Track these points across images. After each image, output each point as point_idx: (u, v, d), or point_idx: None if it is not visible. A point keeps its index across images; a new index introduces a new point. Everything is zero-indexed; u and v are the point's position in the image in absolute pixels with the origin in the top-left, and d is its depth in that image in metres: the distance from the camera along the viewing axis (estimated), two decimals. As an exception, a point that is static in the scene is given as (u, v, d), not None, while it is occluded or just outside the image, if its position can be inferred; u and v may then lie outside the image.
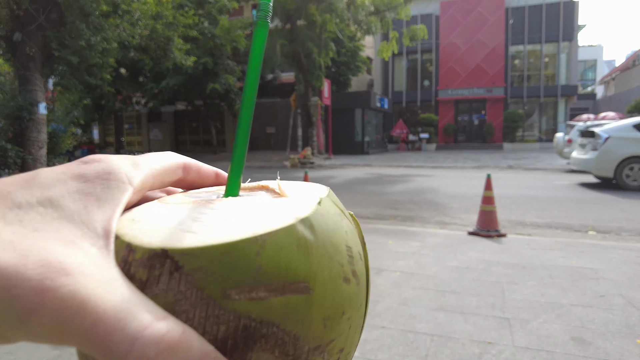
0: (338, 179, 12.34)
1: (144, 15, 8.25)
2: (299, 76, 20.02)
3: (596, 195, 8.06)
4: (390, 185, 10.60)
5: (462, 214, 6.51)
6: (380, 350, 2.05)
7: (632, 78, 29.31)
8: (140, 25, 8.33)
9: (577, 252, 3.96)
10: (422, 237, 4.64)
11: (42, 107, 7.32)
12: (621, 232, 5.19)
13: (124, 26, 8.04)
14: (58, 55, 7.22)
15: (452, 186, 10.02)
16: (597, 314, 2.47)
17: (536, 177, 11.74)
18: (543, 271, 3.34)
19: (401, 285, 3.05)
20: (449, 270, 3.39)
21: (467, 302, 2.70)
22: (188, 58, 9.58)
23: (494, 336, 2.19)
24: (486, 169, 14.96)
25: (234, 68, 22.29)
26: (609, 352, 2.00)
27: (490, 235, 4.64)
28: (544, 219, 5.99)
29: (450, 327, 2.32)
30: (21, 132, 7.08)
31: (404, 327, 2.33)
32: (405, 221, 6.09)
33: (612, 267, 3.45)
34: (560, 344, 2.09)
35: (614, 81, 34.86)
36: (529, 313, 2.50)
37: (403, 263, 3.62)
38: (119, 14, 7.86)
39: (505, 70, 28.31)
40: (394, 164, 18.14)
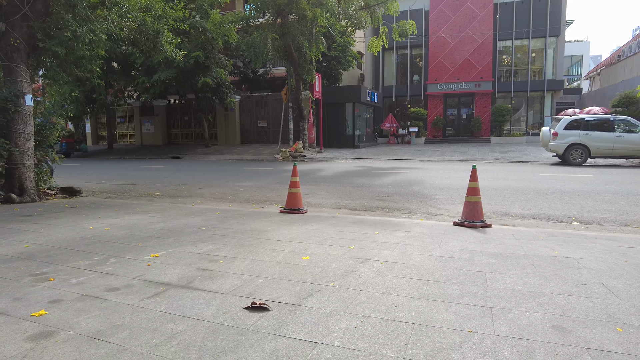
0: (328, 172, 12.30)
1: (132, 8, 8.05)
2: (290, 70, 19.90)
3: (580, 187, 8.14)
4: (379, 177, 10.60)
5: (448, 205, 6.52)
6: (361, 339, 2.02)
7: (617, 73, 29.69)
8: (129, 17, 8.13)
9: (560, 242, 3.98)
10: (408, 228, 4.63)
11: (28, 98, 7.13)
12: (603, 223, 5.25)
13: (112, 18, 7.84)
14: (43, 46, 7.02)
15: (439, 178, 10.05)
16: (578, 303, 2.47)
17: (522, 170, 11.84)
18: (526, 261, 3.34)
19: (385, 274, 3.02)
20: (433, 260, 3.38)
21: (450, 291, 2.68)
22: (178, 52, 9.41)
23: (475, 325, 2.18)
24: (473, 161, 15.05)
25: (226, 62, 22.09)
26: (589, 340, 1.99)
27: (475, 225, 4.65)
28: (529, 210, 6.03)
29: (432, 315, 2.30)
30: (6, 124, 6.92)
31: (385, 315, 2.30)
32: (392, 212, 6.08)
33: (594, 256, 3.47)
34: (540, 332, 2.08)
35: (599, 76, 35.28)
36: (511, 302, 2.49)
37: (388, 253, 3.60)
38: (107, 5, 7.67)
39: (494, 65, 28.46)
40: (383, 157, 18.15)
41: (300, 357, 1.86)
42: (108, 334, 2.10)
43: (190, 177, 11.65)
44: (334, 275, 3.02)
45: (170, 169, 14.73)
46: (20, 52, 7.08)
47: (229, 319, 2.27)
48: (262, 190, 8.70)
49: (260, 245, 3.90)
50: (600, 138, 12.84)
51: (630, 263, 3.27)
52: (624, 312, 2.32)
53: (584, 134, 12.99)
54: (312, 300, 2.55)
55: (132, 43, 8.94)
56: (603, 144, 12.81)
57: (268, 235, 4.34)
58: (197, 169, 14.30)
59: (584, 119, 13.30)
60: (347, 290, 2.71)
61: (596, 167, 12.58)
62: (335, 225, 4.83)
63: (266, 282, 2.88)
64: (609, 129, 12.89)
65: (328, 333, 2.09)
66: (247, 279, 2.95)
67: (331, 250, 3.69)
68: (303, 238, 4.18)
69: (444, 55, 29.38)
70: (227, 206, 6.62)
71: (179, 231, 4.57)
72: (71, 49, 7.17)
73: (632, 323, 2.17)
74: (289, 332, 2.11)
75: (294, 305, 2.47)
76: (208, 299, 2.57)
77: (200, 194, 8.35)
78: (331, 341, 2.01)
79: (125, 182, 10.71)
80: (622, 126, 12.89)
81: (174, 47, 9.14)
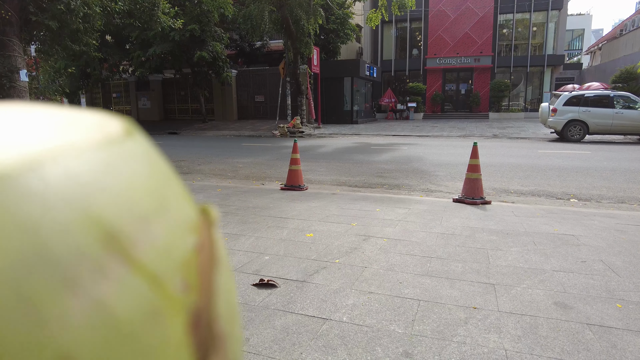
0: (327, 148, 12.28)
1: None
2: (287, 44, 19.53)
3: (578, 164, 8.18)
4: (378, 154, 10.60)
5: (447, 182, 6.56)
6: (368, 316, 2.07)
7: (618, 48, 29.36)
8: None
9: (559, 219, 4.03)
10: (408, 205, 4.67)
11: (23, 74, 7.00)
12: (601, 200, 5.30)
13: None
14: (36, 20, 6.84)
15: (438, 155, 10.06)
16: (579, 279, 2.53)
17: (520, 146, 11.86)
18: (526, 238, 3.40)
19: (388, 251, 3.07)
20: (434, 237, 3.42)
21: (453, 267, 2.73)
22: (176, 21, 9.20)
23: (479, 301, 2.23)
24: (472, 138, 15.04)
25: (222, 35, 21.63)
26: (589, 316, 2.05)
27: (475, 202, 4.69)
28: (528, 187, 6.08)
29: (437, 292, 2.36)
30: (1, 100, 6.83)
31: (390, 292, 2.35)
32: (392, 189, 6.11)
33: (593, 233, 3.53)
34: (543, 308, 2.14)
35: (600, 51, 34.90)
36: (513, 278, 2.55)
37: (390, 230, 3.64)
38: None
39: (494, 39, 28.04)
40: (382, 133, 18.09)
41: (311, 333, 1.91)
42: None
43: (188, 153, 11.60)
44: (339, 252, 3.07)
45: (168, 144, 14.65)
46: (12, 25, 6.90)
47: (238, 296, 2.31)
48: (262, 166, 8.70)
49: (263, 223, 3.93)
50: (599, 114, 12.81)
51: (629, 240, 3.33)
52: (624, 288, 2.38)
53: (583, 111, 12.94)
54: (319, 277, 2.59)
55: (128, 14, 8.73)
56: (602, 121, 12.78)
57: (270, 212, 4.37)
58: (195, 145, 14.23)
59: (584, 95, 13.23)
60: (352, 267, 2.75)
61: (594, 143, 12.61)
62: (336, 202, 4.87)
63: (272, 259, 2.93)
64: (609, 105, 12.84)
65: (336, 309, 2.14)
66: (253, 256, 2.99)
67: (334, 228, 3.73)
68: (305, 215, 4.22)
69: (444, 29, 28.88)
70: (228, 183, 6.63)
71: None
72: (65, 23, 7.01)
73: (631, 299, 2.24)
74: (297, 308, 2.16)
75: (301, 282, 2.52)
76: (216, 276, 2.61)
77: (200, 170, 8.34)
78: (339, 317, 2.06)
79: (124, 158, 10.65)
80: (621, 102, 12.83)
81: (170, 17, 8.94)
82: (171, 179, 0.19)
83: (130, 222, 0.16)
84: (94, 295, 0.14)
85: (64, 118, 0.17)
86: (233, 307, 0.21)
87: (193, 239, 0.18)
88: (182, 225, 0.18)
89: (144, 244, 0.16)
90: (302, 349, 1.80)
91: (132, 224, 0.15)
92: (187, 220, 0.18)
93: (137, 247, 0.15)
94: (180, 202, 0.19)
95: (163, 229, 0.17)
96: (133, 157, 0.17)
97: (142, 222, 0.16)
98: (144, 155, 0.18)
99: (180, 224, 0.18)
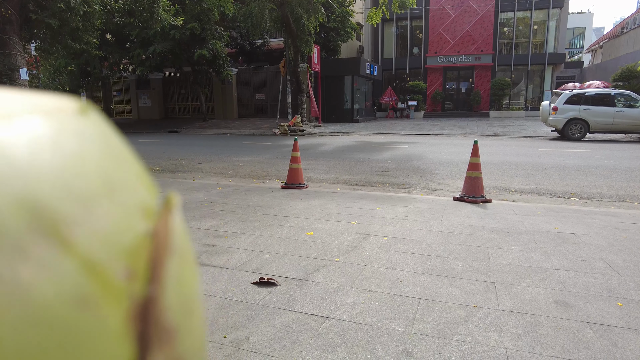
0: (327, 147, 12.26)
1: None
2: (288, 42, 19.49)
3: (579, 162, 8.17)
4: (379, 152, 10.59)
5: (448, 180, 6.55)
6: (368, 314, 2.07)
7: (619, 46, 29.29)
8: None
9: (560, 217, 4.03)
10: (409, 203, 4.66)
11: (23, 72, 6.99)
12: (602, 198, 5.30)
13: None
14: (36, 18, 6.83)
15: (439, 153, 10.05)
16: (579, 278, 2.53)
17: (521, 145, 11.85)
18: (527, 236, 3.39)
19: (388, 249, 3.07)
20: (435, 235, 3.42)
21: (453, 266, 2.73)
22: (176, 19, 9.19)
23: (480, 300, 2.23)
24: (472, 136, 15.03)
25: (222, 33, 21.60)
26: (590, 315, 2.05)
27: (476, 200, 4.68)
28: (528, 185, 6.07)
29: (437, 290, 2.35)
30: None
31: (391, 290, 2.35)
32: (392, 187, 6.10)
33: (593, 232, 3.52)
34: (543, 307, 2.14)
35: (601, 49, 34.82)
36: (514, 277, 2.54)
37: (390, 228, 3.64)
38: None
39: (494, 38, 27.99)
40: (382, 131, 18.08)
41: (311, 331, 1.91)
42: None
43: (189, 151, 11.60)
44: (339, 250, 3.06)
45: (168, 143, 14.65)
46: (12, 23, 6.89)
47: (238, 294, 2.31)
48: (262, 165, 8.69)
49: (263, 221, 3.93)
50: (600, 113, 12.78)
51: (629, 239, 3.32)
52: (624, 287, 2.38)
53: (584, 109, 12.92)
54: (319, 275, 2.59)
55: (129, 13, 8.72)
56: (603, 119, 12.76)
57: (271, 210, 4.36)
58: (195, 144, 14.22)
59: (585, 94, 13.21)
60: (352, 266, 2.75)
61: (595, 142, 12.59)
62: (336, 200, 4.86)
63: (272, 257, 2.92)
64: (610, 103, 12.82)
65: (336, 308, 2.14)
66: (253, 254, 2.99)
67: (334, 226, 3.73)
68: (306, 214, 4.21)
69: (445, 27, 28.83)
70: (228, 181, 6.62)
71: (182, 206, 4.58)
72: (65, 21, 7.00)
73: (632, 298, 2.23)
74: (297, 306, 2.16)
75: (301, 280, 2.51)
76: (216, 275, 2.61)
77: (200, 168, 8.34)
78: (339, 315, 2.05)
79: (124, 157, 10.65)
80: (622, 101, 12.81)
81: (171, 15, 8.93)
82: (126, 161, 0.18)
83: (67, 203, 0.14)
84: (8, 277, 0.12)
85: (11, 95, 0.16)
86: (190, 299, 0.19)
87: (145, 225, 0.17)
88: (133, 210, 0.17)
89: (81, 227, 0.14)
90: (302, 348, 1.80)
91: (69, 205, 0.14)
92: (139, 205, 0.17)
93: (73, 230, 0.14)
94: (134, 186, 0.17)
95: (108, 212, 0.16)
96: (82, 136, 0.16)
97: (82, 203, 0.15)
98: (96, 136, 0.17)
99: (129, 209, 0.17)
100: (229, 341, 1.85)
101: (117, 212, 0.16)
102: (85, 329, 0.14)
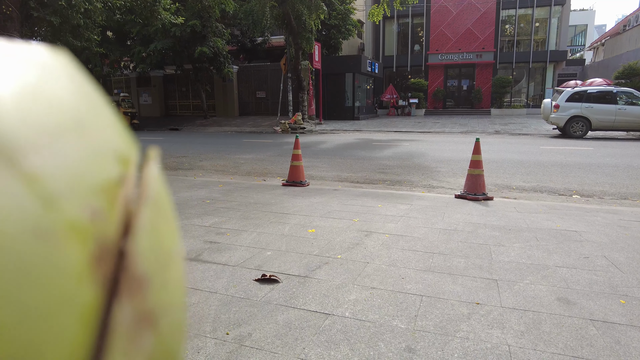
0: (329, 144, 12.26)
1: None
2: (289, 39, 19.45)
3: (580, 160, 8.16)
4: (380, 150, 10.58)
5: (449, 178, 6.54)
6: (371, 311, 2.07)
7: (621, 44, 29.18)
8: None
9: (561, 215, 4.02)
10: (410, 201, 4.66)
11: None
12: (604, 196, 5.29)
13: None
14: (37, 15, 6.82)
15: (440, 151, 10.04)
16: (582, 275, 2.52)
17: (523, 142, 11.83)
18: (529, 234, 3.39)
19: (390, 247, 3.07)
20: (437, 233, 3.42)
21: (455, 263, 2.73)
22: (177, 17, 9.18)
23: (482, 297, 2.23)
24: (473, 134, 15.00)
25: (223, 31, 21.56)
26: (593, 312, 2.05)
27: (478, 198, 4.68)
28: (530, 183, 6.06)
29: (439, 288, 2.35)
30: None
31: (393, 287, 2.35)
32: (394, 185, 6.10)
33: (595, 229, 3.52)
34: (546, 304, 2.14)
35: (603, 47, 34.69)
36: (516, 274, 2.54)
37: (392, 225, 3.64)
38: None
39: (496, 35, 27.91)
40: (383, 129, 18.06)
41: (313, 328, 1.91)
42: (122, 306, 2.14)
43: (190, 149, 11.60)
44: (340, 247, 3.06)
45: (169, 140, 14.65)
46: (13, 21, 6.89)
47: (240, 291, 2.31)
48: (263, 162, 8.69)
49: (265, 218, 3.93)
50: (601, 110, 12.75)
51: (632, 236, 3.32)
52: (627, 284, 2.37)
53: (585, 107, 12.89)
54: (321, 272, 2.59)
55: (129, 11, 8.72)
56: (604, 117, 12.73)
57: (272, 208, 4.36)
58: (196, 141, 14.22)
59: (586, 91, 13.17)
60: (354, 263, 2.75)
61: (596, 139, 12.57)
62: (338, 198, 4.86)
63: (274, 254, 2.92)
64: (611, 101, 12.78)
65: (338, 304, 2.14)
66: (255, 251, 2.99)
67: (336, 223, 3.73)
68: (307, 211, 4.21)
69: (446, 24, 28.75)
70: (229, 179, 6.62)
71: (184, 204, 4.59)
72: (66, 18, 6.99)
73: (634, 295, 2.23)
74: (300, 303, 2.16)
75: (303, 277, 2.51)
76: (218, 272, 2.61)
77: (202, 166, 8.34)
78: (342, 312, 2.05)
79: (125, 154, 10.65)
80: (624, 98, 12.77)
81: (171, 13, 8.92)
82: (99, 107, 0.18)
83: (27, 132, 0.14)
84: None
85: None
86: (166, 253, 0.19)
87: (117, 170, 0.17)
88: (104, 152, 0.16)
89: (42, 159, 0.14)
90: (304, 344, 1.80)
91: (29, 134, 0.14)
92: (111, 148, 0.17)
93: (31, 159, 0.14)
94: (107, 130, 0.17)
95: (74, 148, 0.15)
96: (51, 74, 0.16)
97: (46, 135, 0.14)
98: (67, 77, 0.17)
99: (100, 151, 0.16)
100: (231, 338, 1.86)
101: (85, 150, 0.16)
102: (42, 261, 0.13)
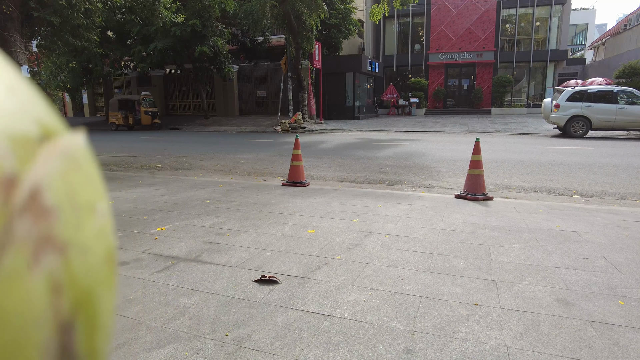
0: (329, 144, 12.26)
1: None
2: (289, 39, 19.45)
3: (580, 160, 8.15)
4: (380, 150, 10.58)
5: (449, 178, 6.54)
6: (370, 312, 2.07)
7: (622, 43, 29.14)
8: None
9: (561, 215, 4.02)
10: (410, 201, 4.66)
11: (24, 70, 6.99)
12: (604, 196, 5.28)
13: None
14: (37, 15, 6.83)
15: (440, 151, 10.04)
16: (581, 276, 2.53)
17: (523, 142, 11.82)
18: (529, 234, 3.39)
19: (390, 247, 3.07)
20: (436, 233, 3.42)
21: (455, 264, 2.73)
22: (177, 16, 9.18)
23: (481, 298, 2.23)
24: (474, 133, 15.00)
25: (223, 30, 21.56)
26: (592, 313, 2.05)
27: (477, 198, 4.68)
28: (530, 183, 6.06)
29: (438, 289, 2.35)
30: None
31: (392, 288, 2.35)
32: (394, 185, 6.10)
33: (595, 230, 3.52)
34: (545, 305, 2.14)
35: (603, 46, 34.65)
36: (515, 275, 2.54)
37: (392, 226, 3.64)
38: None
39: (496, 35, 27.89)
40: (383, 128, 18.05)
41: (312, 329, 1.91)
42: (122, 308, 2.15)
43: (190, 148, 11.60)
44: (340, 248, 3.06)
45: (169, 140, 14.65)
46: (13, 21, 6.89)
47: (239, 292, 2.31)
48: (263, 162, 8.69)
49: (265, 219, 3.93)
50: (602, 110, 12.73)
51: (631, 237, 3.31)
52: (626, 285, 2.38)
53: (586, 106, 12.88)
54: (320, 273, 2.59)
55: (129, 10, 8.71)
56: (605, 116, 12.72)
57: (272, 208, 4.37)
58: (196, 141, 14.23)
59: (587, 91, 13.15)
60: (353, 264, 2.75)
61: (597, 139, 12.56)
62: (338, 198, 4.86)
63: (273, 255, 2.93)
64: (612, 100, 12.77)
65: (337, 305, 2.14)
66: (255, 252, 2.99)
67: (336, 224, 3.73)
68: (307, 211, 4.21)
69: (446, 24, 28.73)
70: (230, 179, 6.63)
71: (184, 204, 4.60)
72: (66, 18, 6.99)
73: (634, 296, 2.23)
74: (299, 304, 2.16)
75: (303, 278, 2.52)
76: (218, 272, 2.61)
77: (202, 166, 8.34)
78: (341, 313, 2.06)
79: (126, 154, 10.67)
80: (625, 98, 12.75)
81: (172, 12, 8.92)
82: (29, 86, 0.18)
83: None
84: None
85: None
86: (85, 201, 0.19)
87: (38, 131, 0.18)
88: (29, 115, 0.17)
89: None
90: (303, 346, 1.81)
91: None
92: (33, 114, 0.17)
93: None
94: (28, 99, 0.17)
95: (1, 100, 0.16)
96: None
97: None
98: None
99: (20, 110, 0.17)
100: (230, 339, 1.86)
101: (10, 104, 0.16)
102: None
